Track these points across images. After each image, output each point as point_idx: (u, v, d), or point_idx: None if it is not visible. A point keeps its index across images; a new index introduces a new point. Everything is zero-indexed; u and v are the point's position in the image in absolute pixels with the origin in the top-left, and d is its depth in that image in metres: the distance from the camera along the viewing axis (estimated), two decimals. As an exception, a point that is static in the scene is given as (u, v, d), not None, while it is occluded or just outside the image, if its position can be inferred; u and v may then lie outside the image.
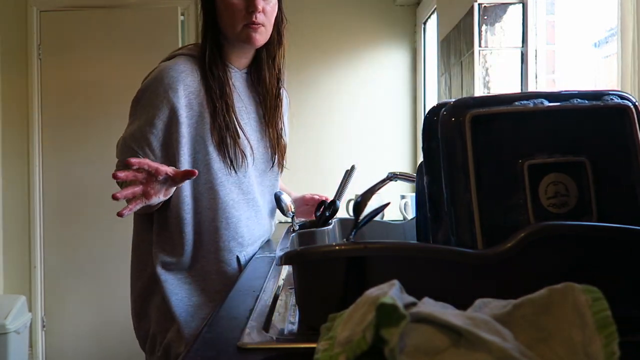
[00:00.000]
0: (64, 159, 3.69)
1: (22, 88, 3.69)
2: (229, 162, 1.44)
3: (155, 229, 1.45)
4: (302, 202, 1.77)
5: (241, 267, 1.46)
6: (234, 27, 1.43)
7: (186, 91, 1.40)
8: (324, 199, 1.73)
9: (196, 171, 1.21)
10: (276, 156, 1.59)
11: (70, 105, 3.68)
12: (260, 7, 1.42)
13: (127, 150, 1.39)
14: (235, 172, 1.45)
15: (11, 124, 3.70)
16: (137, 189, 1.17)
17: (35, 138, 3.68)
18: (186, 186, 1.40)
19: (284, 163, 1.64)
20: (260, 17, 1.43)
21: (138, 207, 1.19)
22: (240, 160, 1.46)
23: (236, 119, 1.47)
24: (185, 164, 1.40)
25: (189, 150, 1.41)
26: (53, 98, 3.70)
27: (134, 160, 1.15)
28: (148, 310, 1.48)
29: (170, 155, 1.39)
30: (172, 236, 1.43)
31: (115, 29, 3.66)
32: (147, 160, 1.18)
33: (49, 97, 3.70)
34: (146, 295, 1.48)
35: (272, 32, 1.51)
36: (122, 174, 1.14)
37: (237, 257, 1.47)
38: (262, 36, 1.46)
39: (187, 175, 1.21)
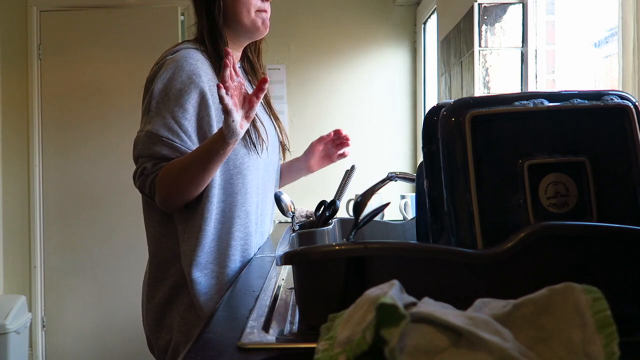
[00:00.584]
0: (64, 159, 3.69)
1: (22, 88, 3.68)
2: (252, 147, 1.45)
3: (180, 230, 1.41)
4: (313, 151, 1.74)
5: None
6: (249, 14, 1.47)
7: (206, 77, 1.40)
8: (330, 137, 1.72)
9: (267, 78, 1.27)
10: (280, 143, 1.64)
11: (70, 105, 3.68)
12: None
13: (157, 141, 1.34)
14: (259, 155, 1.47)
15: (11, 124, 3.70)
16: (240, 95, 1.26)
17: (35, 138, 3.68)
18: (216, 173, 1.38)
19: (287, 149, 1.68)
20: (269, 8, 1.50)
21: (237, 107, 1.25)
22: (262, 144, 1.48)
23: None
24: None
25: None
26: (53, 98, 3.69)
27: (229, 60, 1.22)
28: (170, 320, 1.43)
29: (203, 140, 1.37)
30: (200, 228, 1.38)
31: (115, 29, 3.66)
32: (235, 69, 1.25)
33: (49, 97, 3.70)
34: (168, 304, 1.43)
35: None
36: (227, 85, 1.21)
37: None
38: (267, 27, 1.52)
39: (261, 86, 1.26)
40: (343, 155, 1.74)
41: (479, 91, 2.22)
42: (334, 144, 1.73)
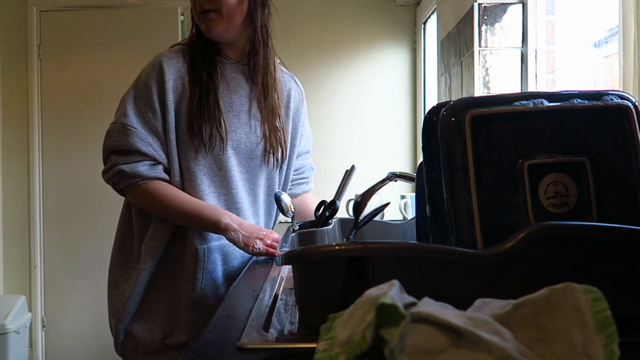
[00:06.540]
0: (64, 159, 3.68)
1: (22, 88, 3.68)
2: (202, 146, 1.45)
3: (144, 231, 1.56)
4: None
5: (198, 261, 1.47)
6: (197, 18, 1.50)
7: (174, 75, 1.47)
8: None
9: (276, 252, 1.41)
10: (271, 154, 1.54)
11: (70, 105, 3.68)
12: None
13: (131, 134, 1.46)
14: (207, 155, 1.46)
15: (11, 124, 3.69)
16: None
17: (35, 138, 3.68)
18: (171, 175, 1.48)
19: (282, 158, 1.58)
20: (205, 5, 1.45)
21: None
22: (213, 144, 1.45)
23: (217, 105, 1.46)
24: (175, 147, 1.47)
25: (179, 132, 1.47)
26: (53, 98, 3.69)
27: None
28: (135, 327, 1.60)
29: (169, 139, 1.46)
30: (154, 225, 1.52)
31: (115, 29, 3.66)
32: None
33: (49, 97, 3.70)
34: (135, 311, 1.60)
35: (245, 23, 1.49)
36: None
37: (196, 249, 1.47)
38: (216, 24, 1.45)
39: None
40: None
41: (479, 91, 2.22)
42: None
